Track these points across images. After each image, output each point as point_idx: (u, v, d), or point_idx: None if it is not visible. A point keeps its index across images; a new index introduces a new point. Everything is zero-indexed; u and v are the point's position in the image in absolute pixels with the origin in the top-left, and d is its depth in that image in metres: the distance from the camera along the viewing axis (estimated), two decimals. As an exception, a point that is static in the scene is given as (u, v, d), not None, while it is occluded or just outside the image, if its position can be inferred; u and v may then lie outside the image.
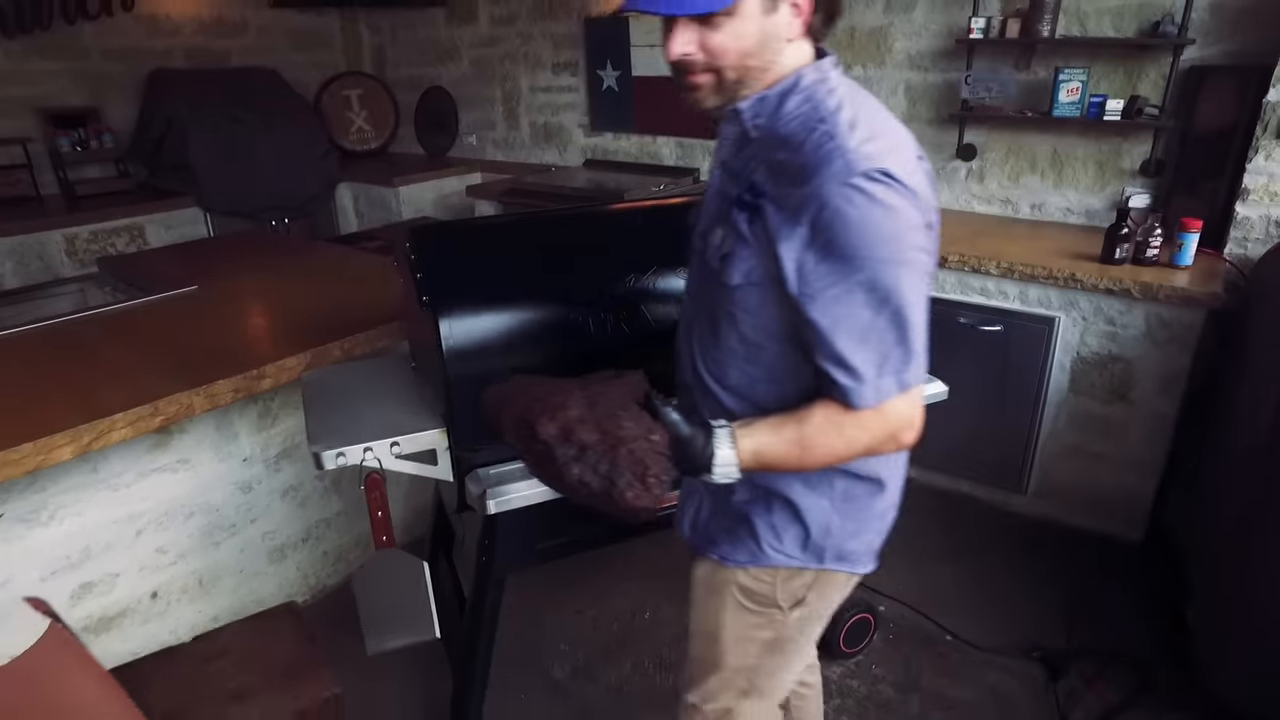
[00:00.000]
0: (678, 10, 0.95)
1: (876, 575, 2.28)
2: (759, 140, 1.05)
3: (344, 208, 4.57)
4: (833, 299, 0.96)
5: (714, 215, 1.10)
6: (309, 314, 2.16)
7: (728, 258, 1.05)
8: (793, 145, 1.00)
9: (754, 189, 1.02)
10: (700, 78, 1.01)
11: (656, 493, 0.94)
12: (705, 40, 0.98)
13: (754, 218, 1.01)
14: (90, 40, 4.08)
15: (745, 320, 1.07)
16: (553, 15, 4.12)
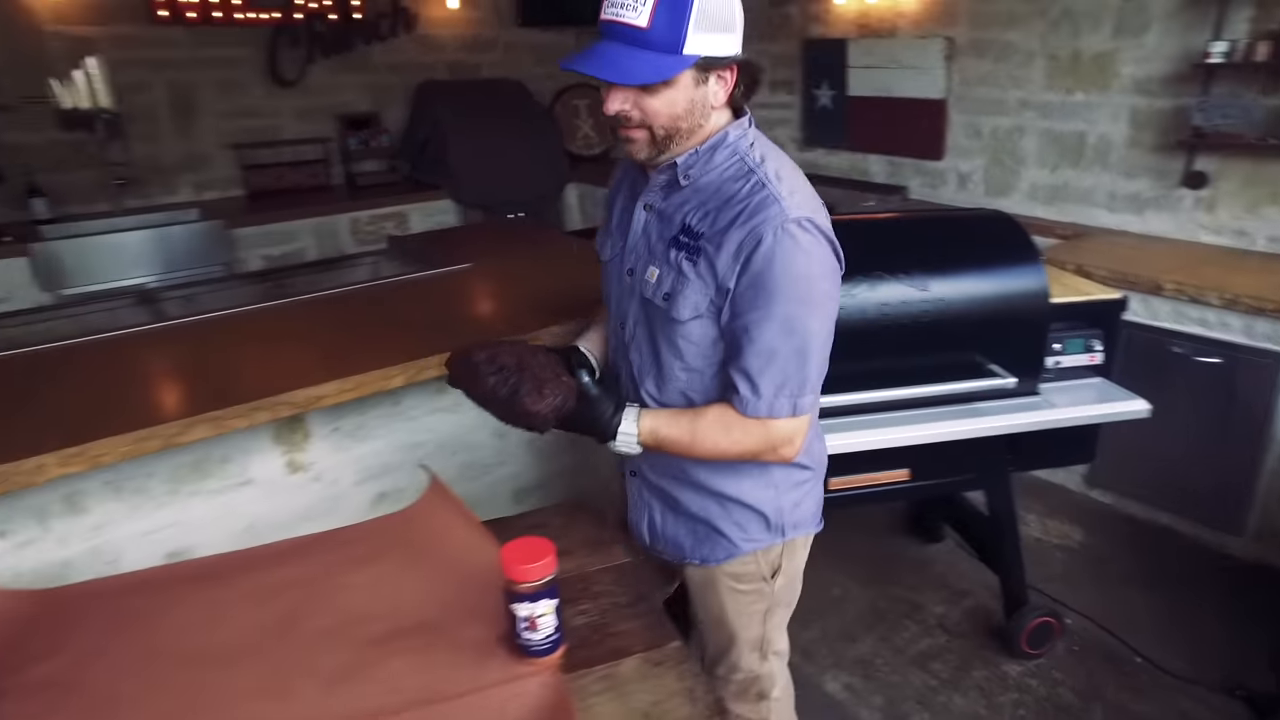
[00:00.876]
0: (620, 80, 1.09)
1: (1062, 591, 2.38)
2: (688, 189, 1.19)
3: (570, 206, 5.08)
4: (752, 323, 1.12)
5: (646, 255, 1.24)
6: (569, 290, 2.53)
7: (672, 296, 1.17)
8: (725, 193, 1.15)
9: (689, 231, 1.16)
10: (635, 132, 1.14)
11: (551, 402, 1.14)
12: (641, 102, 1.11)
13: (694, 257, 1.15)
14: (378, 57, 4.83)
15: (689, 350, 1.20)
16: (773, 37, 4.39)
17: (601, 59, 1.08)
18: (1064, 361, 1.99)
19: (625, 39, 1.08)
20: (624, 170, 1.37)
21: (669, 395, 1.26)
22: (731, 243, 1.12)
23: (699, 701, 0.92)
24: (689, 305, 1.17)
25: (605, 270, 1.37)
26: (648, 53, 1.07)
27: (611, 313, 1.36)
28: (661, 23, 1.06)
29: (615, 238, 1.32)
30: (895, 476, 2.00)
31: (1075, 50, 3.18)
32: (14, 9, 3.84)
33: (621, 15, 1.07)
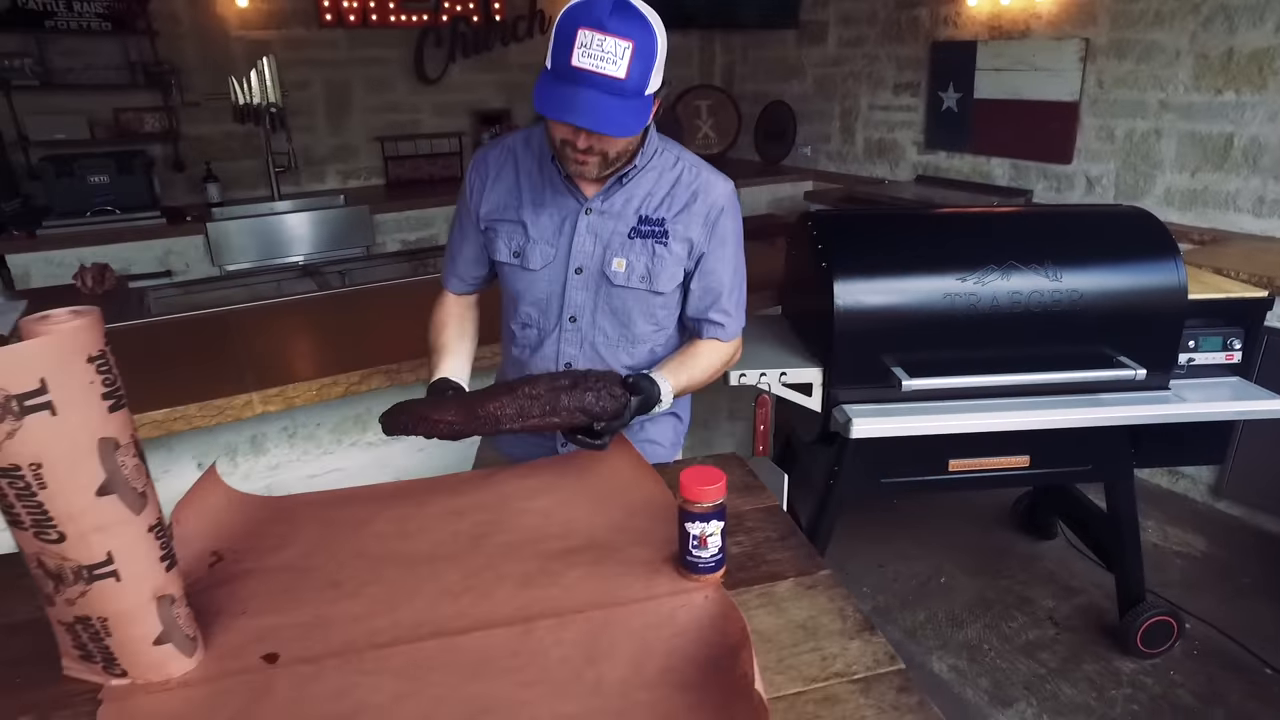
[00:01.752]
0: (616, 133, 1.18)
1: (1180, 597, 2.36)
2: (628, 188, 1.35)
3: (687, 203, 5.23)
4: (721, 270, 1.40)
5: (599, 251, 1.37)
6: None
7: (651, 275, 1.37)
8: (666, 181, 1.36)
9: (649, 221, 1.35)
10: (591, 158, 1.24)
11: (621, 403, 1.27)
12: (603, 137, 1.21)
13: (664, 240, 1.35)
14: (512, 57, 5.11)
15: (662, 313, 1.43)
16: (900, 39, 4.42)
17: (588, 109, 1.14)
18: (1198, 359, 2.00)
19: (602, 88, 1.14)
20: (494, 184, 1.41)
21: (639, 357, 1.47)
22: (696, 217, 1.36)
23: (849, 619, 1.03)
24: (669, 278, 1.39)
25: (527, 277, 1.42)
26: (626, 101, 1.16)
27: (537, 314, 1.45)
28: (636, 73, 1.15)
29: (544, 246, 1.39)
30: (1014, 462, 2.05)
31: (1229, 48, 3.09)
32: (208, 18, 4.29)
33: (602, 68, 1.13)
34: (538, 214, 1.39)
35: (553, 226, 1.39)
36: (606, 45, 1.13)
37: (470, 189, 1.45)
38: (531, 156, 1.41)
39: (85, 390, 0.84)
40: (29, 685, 0.95)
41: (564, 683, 0.94)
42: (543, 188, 1.39)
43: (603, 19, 1.13)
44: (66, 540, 0.86)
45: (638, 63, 1.15)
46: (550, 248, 1.40)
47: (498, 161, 1.43)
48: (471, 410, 1.18)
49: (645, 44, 1.16)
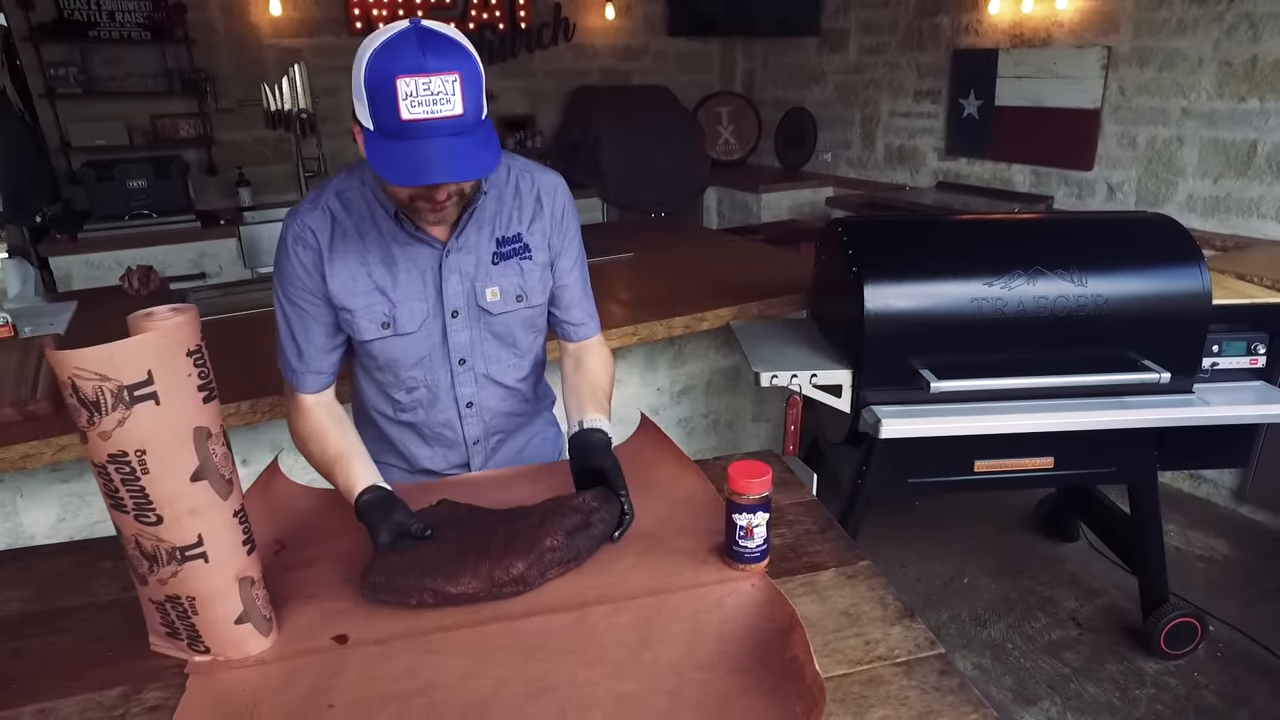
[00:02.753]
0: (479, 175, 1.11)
1: (1203, 599, 2.39)
2: (476, 215, 1.29)
3: (708, 208, 5.29)
4: (574, 266, 1.41)
5: (468, 287, 1.32)
6: (723, 280, 2.73)
7: (526, 293, 1.36)
8: (506, 195, 1.33)
9: (505, 240, 1.33)
10: (449, 203, 1.17)
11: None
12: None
13: (527, 253, 1.35)
14: (538, 64, 5.19)
15: (539, 319, 1.43)
16: (921, 46, 4.46)
17: (444, 162, 1.06)
18: (1222, 363, 2.03)
19: (445, 132, 1.05)
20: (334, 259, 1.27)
21: (525, 368, 1.47)
22: (548, 219, 1.36)
23: (890, 606, 1.08)
24: (541, 288, 1.39)
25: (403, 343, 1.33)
26: (474, 136, 1.08)
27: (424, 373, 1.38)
28: (470, 104, 1.06)
29: (413, 304, 1.31)
30: (1039, 464, 2.09)
31: (1253, 55, 3.12)
32: (242, 26, 4.40)
33: (437, 111, 1.03)
34: (394, 275, 1.29)
35: (415, 281, 1.30)
36: (434, 85, 1.02)
37: (301, 266, 1.27)
38: (360, 217, 1.28)
39: (184, 382, 0.90)
40: (120, 659, 1.01)
41: (621, 663, 0.99)
42: (387, 244, 1.28)
43: (419, 61, 1.02)
44: (164, 523, 0.93)
45: (469, 91, 1.05)
46: (420, 303, 1.31)
47: (324, 230, 1.27)
48: (490, 578, 1.09)
49: (469, 68, 1.06)
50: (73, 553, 1.27)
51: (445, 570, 1.09)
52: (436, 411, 1.43)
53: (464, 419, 1.45)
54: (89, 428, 0.87)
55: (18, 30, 3.92)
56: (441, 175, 1.08)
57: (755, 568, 1.15)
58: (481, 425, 1.47)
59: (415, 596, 1.08)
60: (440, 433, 1.47)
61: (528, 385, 1.51)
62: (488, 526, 1.19)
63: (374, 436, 1.48)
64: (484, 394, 1.44)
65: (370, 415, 1.49)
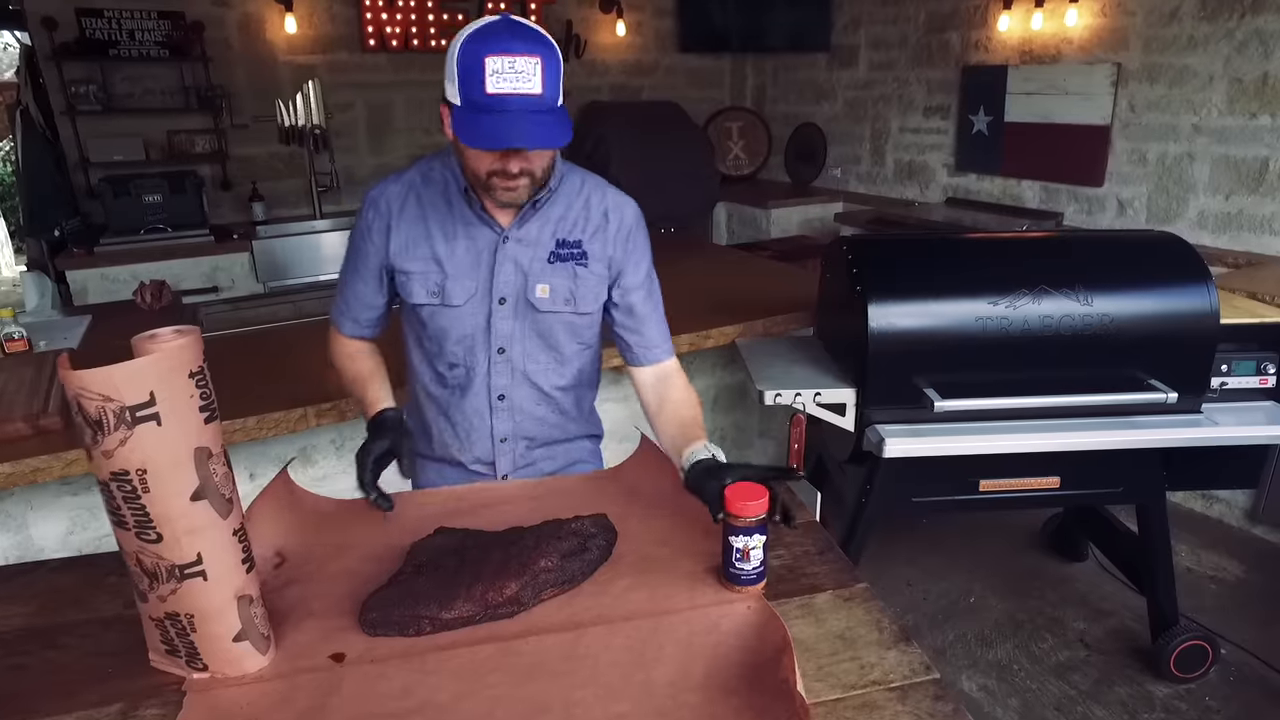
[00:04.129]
0: (552, 145, 1.18)
1: (1214, 622, 2.36)
2: (542, 212, 1.36)
3: (718, 223, 5.30)
4: (644, 287, 1.44)
5: (521, 278, 1.37)
6: (729, 297, 2.74)
7: (575, 297, 1.39)
8: (576, 205, 1.38)
9: (565, 244, 1.37)
10: (520, 181, 1.24)
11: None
12: (530, 156, 1.23)
13: (583, 261, 1.38)
14: (549, 79, 5.22)
15: (586, 332, 1.46)
16: (931, 63, 4.47)
17: (521, 131, 1.16)
18: (1231, 383, 2.01)
19: (526, 108, 1.15)
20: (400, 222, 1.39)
21: (568, 377, 1.49)
22: (611, 235, 1.40)
23: (886, 630, 1.08)
24: (593, 299, 1.42)
25: (449, 315, 1.41)
26: (550, 114, 1.18)
27: (464, 351, 1.44)
28: (549, 86, 1.17)
29: (464, 280, 1.38)
30: (1045, 484, 2.08)
31: (1264, 73, 3.11)
32: (258, 44, 4.47)
33: (519, 88, 1.14)
34: (452, 248, 1.38)
35: (470, 259, 1.38)
36: (518, 65, 1.14)
37: (369, 229, 1.41)
38: (435, 191, 1.38)
39: (186, 403, 0.92)
40: (119, 676, 1.02)
41: (615, 685, 0.99)
42: (453, 222, 1.38)
43: (507, 42, 1.15)
44: (163, 541, 0.94)
45: (549, 75, 1.17)
46: (471, 281, 1.38)
47: (398, 199, 1.40)
48: (483, 601, 1.10)
49: (550, 56, 1.18)
50: (78, 568, 1.28)
51: (439, 598, 1.09)
52: (470, 397, 1.46)
53: (494, 411, 1.47)
54: (92, 445, 0.89)
55: (41, 50, 4.00)
56: (519, 140, 1.16)
57: (752, 589, 1.15)
58: (511, 423, 1.49)
59: (413, 627, 1.08)
60: (471, 421, 1.49)
61: (568, 399, 1.52)
62: (484, 549, 1.19)
63: (427, 403, 1.55)
64: (518, 391, 1.46)
65: (415, 394, 1.56)
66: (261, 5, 4.39)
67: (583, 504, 1.42)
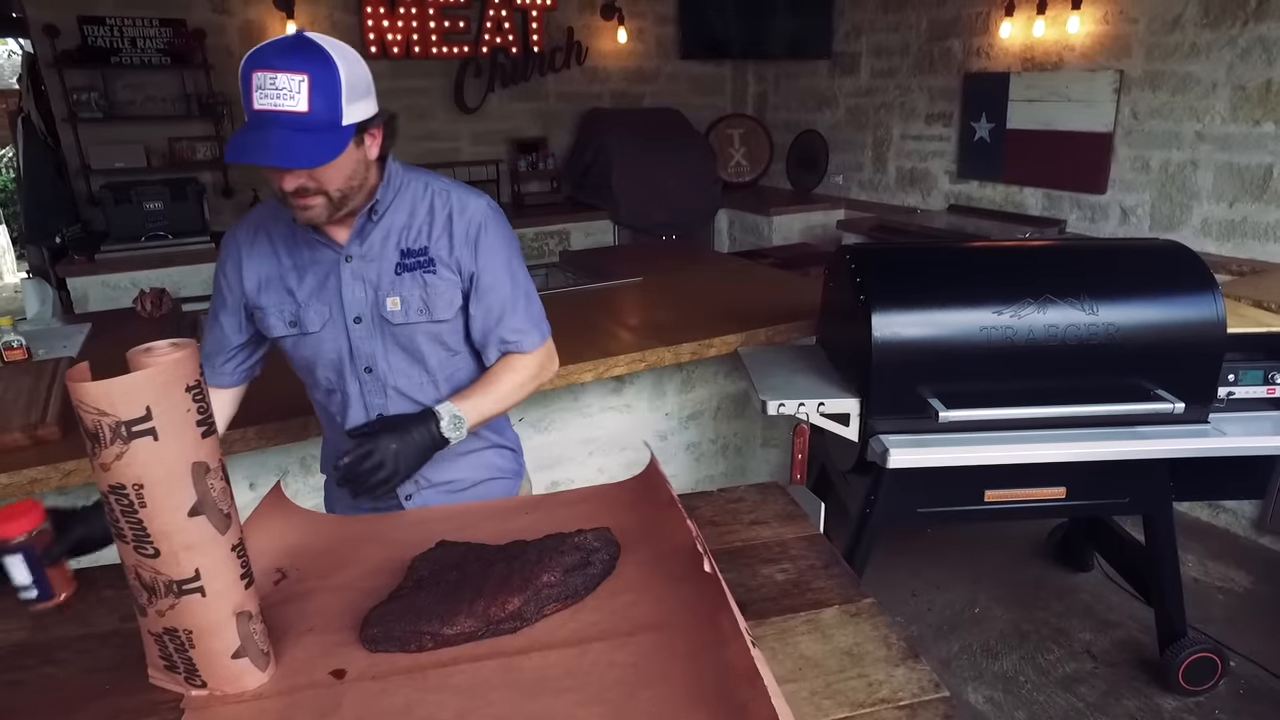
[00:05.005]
0: (301, 165, 1.17)
1: (1223, 633, 2.34)
2: (380, 226, 1.35)
3: (720, 230, 5.30)
4: (497, 285, 1.40)
5: (371, 295, 1.36)
6: (731, 305, 2.73)
7: (429, 306, 1.37)
8: (420, 211, 1.37)
9: (410, 253, 1.36)
10: (313, 200, 1.23)
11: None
12: (315, 175, 1.20)
13: (431, 267, 1.36)
14: (550, 87, 5.24)
15: (452, 339, 1.43)
16: (933, 70, 4.46)
17: (275, 148, 1.14)
18: (1238, 392, 2.00)
19: (288, 125, 1.14)
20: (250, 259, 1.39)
21: (444, 389, 1.46)
22: (458, 238, 1.38)
23: (894, 647, 1.06)
24: (446, 304, 1.39)
25: (311, 342, 1.40)
26: (313, 134, 1.16)
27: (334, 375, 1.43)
28: (319, 105, 1.15)
29: (316, 305, 1.38)
30: (1051, 494, 2.06)
31: (1267, 80, 3.10)
32: (257, 46, 4.46)
33: (280, 104, 1.14)
34: (301, 276, 1.38)
35: (317, 283, 1.38)
36: (279, 82, 1.14)
37: (222, 268, 1.42)
38: (282, 220, 1.38)
39: (183, 417, 0.90)
40: (117, 692, 1.01)
41: (620, 702, 0.97)
42: (299, 249, 1.38)
43: (271, 59, 1.14)
44: (161, 556, 0.92)
45: (318, 94, 1.15)
46: (323, 305, 1.38)
47: (248, 237, 1.40)
48: (485, 616, 1.09)
49: (322, 75, 1.16)
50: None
51: (440, 613, 1.08)
52: (351, 420, 1.46)
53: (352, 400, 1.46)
54: (92, 457, 0.88)
55: (44, 57, 4.00)
56: (264, 156, 1.14)
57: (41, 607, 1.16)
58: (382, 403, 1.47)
59: (414, 643, 1.07)
60: None
61: None
62: (486, 563, 1.18)
63: (327, 425, 1.57)
64: (395, 406, 1.45)
65: (315, 408, 1.57)
66: (263, 13, 4.39)
67: (584, 518, 1.40)
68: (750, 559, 1.27)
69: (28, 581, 1.14)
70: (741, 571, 1.24)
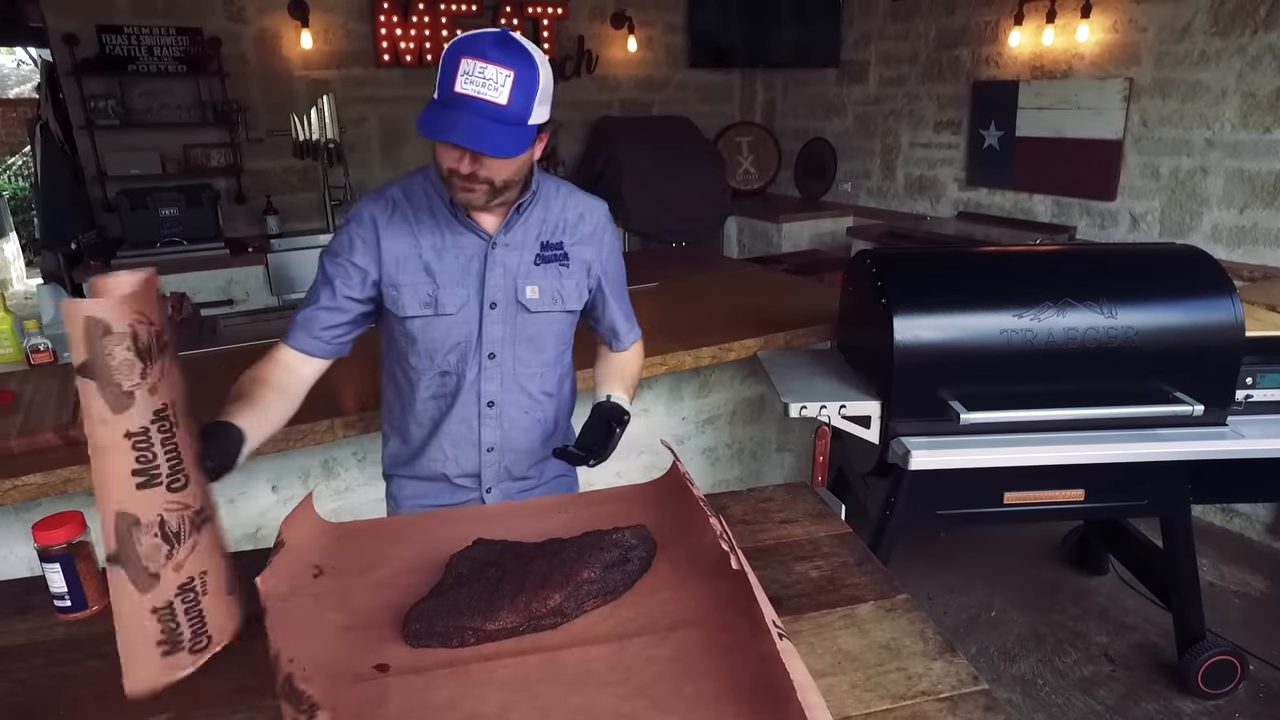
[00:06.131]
0: (494, 153, 1.22)
1: (1240, 637, 2.35)
2: (525, 218, 1.42)
3: (729, 237, 5.32)
4: (614, 282, 1.55)
5: (510, 283, 1.42)
6: (747, 310, 2.75)
7: (562, 295, 1.46)
8: (557, 209, 1.46)
9: (549, 246, 1.44)
10: (478, 186, 1.28)
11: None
12: (489, 163, 1.25)
13: (565, 261, 1.45)
14: (561, 95, 5.18)
15: (569, 331, 1.54)
16: (941, 78, 4.49)
17: (472, 131, 1.19)
18: (1257, 395, 2.02)
19: (484, 113, 1.19)
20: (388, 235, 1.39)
21: (550, 381, 1.54)
22: (586, 237, 1.48)
23: (930, 641, 1.08)
24: (577, 296, 1.49)
25: (443, 324, 1.42)
26: (507, 126, 1.21)
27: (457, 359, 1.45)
28: (517, 101, 1.21)
29: (456, 288, 1.41)
30: (1070, 496, 2.07)
31: (1277, 87, 3.12)
32: (274, 59, 4.51)
33: (483, 93, 1.19)
34: (441, 257, 1.40)
35: (459, 267, 1.40)
36: (488, 73, 1.19)
37: (350, 244, 1.39)
38: (419, 203, 1.40)
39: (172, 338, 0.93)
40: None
41: (664, 696, 0.99)
42: (440, 231, 1.40)
43: (485, 50, 1.19)
44: (189, 484, 0.92)
45: (519, 91, 1.21)
46: (462, 289, 1.41)
47: (383, 213, 1.39)
48: (528, 612, 1.09)
49: (526, 75, 1.21)
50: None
51: (482, 609, 1.09)
52: (459, 406, 1.48)
53: (482, 419, 1.49)
54: (141, 382, 0.85)
55: (62, 65, 4.04)
56: (455, 137, 1.19)
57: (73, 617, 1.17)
58: (499, 431, 1.51)
59: (456, 638, 1.08)
60: (459, 430, 1.50)
61: (550, 408, 1.55)
62: (525, 560, 1.19)
63: (411, 417, 1.54)
64: (506, 397, 1.49)
65: (395, 414, 1.57)
66: (278, 21, 4.43)
67: (614, 517, 1.42)
68: (784, 556, 1.28)
69: (64, 590, 1.16)
70: (775, 569, 1.25)
